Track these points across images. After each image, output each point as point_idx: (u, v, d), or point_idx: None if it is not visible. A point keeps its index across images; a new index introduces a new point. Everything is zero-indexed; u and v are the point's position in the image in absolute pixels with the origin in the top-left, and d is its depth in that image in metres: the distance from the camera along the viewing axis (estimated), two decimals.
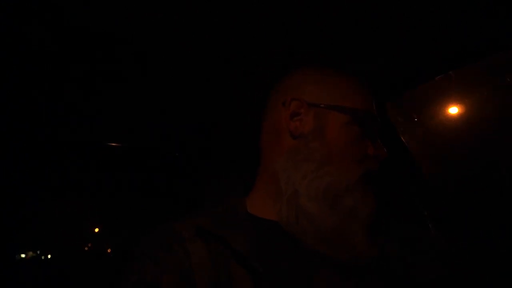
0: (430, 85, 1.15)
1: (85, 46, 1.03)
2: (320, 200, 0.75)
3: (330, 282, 0.73)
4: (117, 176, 2.00)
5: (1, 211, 1.62)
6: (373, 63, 1.15)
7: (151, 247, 0.76)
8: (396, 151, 1.25)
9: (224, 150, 1.69)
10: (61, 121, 1.43)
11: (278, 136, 0.85)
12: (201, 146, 1.73)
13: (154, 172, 1.95)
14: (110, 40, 1.01)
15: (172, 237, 0.76)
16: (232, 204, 0.87)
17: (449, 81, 1.13)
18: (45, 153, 1.64)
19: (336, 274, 0.74)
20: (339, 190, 0.75)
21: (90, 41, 1.01)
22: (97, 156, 1.75)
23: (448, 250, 0.82)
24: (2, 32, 0.95)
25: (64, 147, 1.60)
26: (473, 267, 0.79)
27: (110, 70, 1.15)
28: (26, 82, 1.16)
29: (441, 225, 1.19)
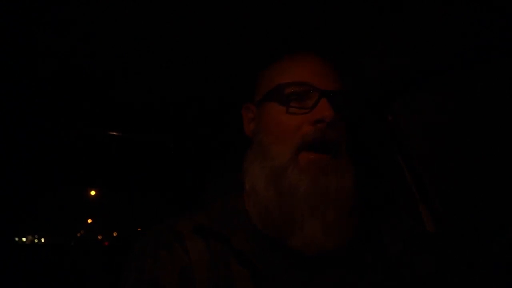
0: (433, 85, 1.16)
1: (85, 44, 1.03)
2: (268, 187, 0.76)
3: (329, 280, 0.74)
4: (113, 168, 2.00)
5: (7, 202, 1.63)
6: (379, 64, 1.16)
7: (151, 245, 0.76)
8: (398, 149, 1.27)
9: (224, 144, 1.70)
10: (61, 116, 1.43)
11: (248, 142, 0.88)
12: (201, 140, 1.73)
13: (153, 165, 1.95)
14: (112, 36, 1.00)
15: (171, 235, 0.76)
16: (231, 200, 0.88)
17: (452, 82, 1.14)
18: (45, 148, 1.64)
19: (336, 273, 0.75)
20: (278, 171, 0.75)
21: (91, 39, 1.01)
22: (94, 149, 1.75)
23: (450, 249, 0.83)
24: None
25: (63, 140, 1.60)
26: (469, 263, 0.80)
27: (110, 63, 1.15)
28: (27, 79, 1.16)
29: (440, 221, 1.21)
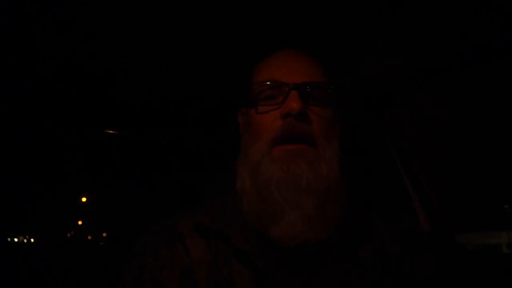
0: (433, 85, 1.16)
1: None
2: (251, 185, 0.76)
3: (329, 280, 0.74)
4: (108, 168, 2.00)
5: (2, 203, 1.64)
6: (378, 64, 1.15)
7: (151, 244, 0.76)
8: (397, 149, 1.27)
9: (223, 143, 1.69)
10: (61, 116, 1.43)
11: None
12: (200, 139, 1.73)
13: (151, 164, 1.95)
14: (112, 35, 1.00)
15: (172, 234, 0.76)
16: (230, 199, 0.88)
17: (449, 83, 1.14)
18: (42, 149, 1.64)
19: (336, 273, 0.75)
20: (255, 169, 0.76)
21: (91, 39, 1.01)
22: (93, 148, 1.75)
23: (448, 249, 0.83)
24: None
25: (63, 140, 1.60)
26: (468, 263, 0.80)
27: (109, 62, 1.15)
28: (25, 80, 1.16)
29: (437, 221, 1.21)
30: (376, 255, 0.80)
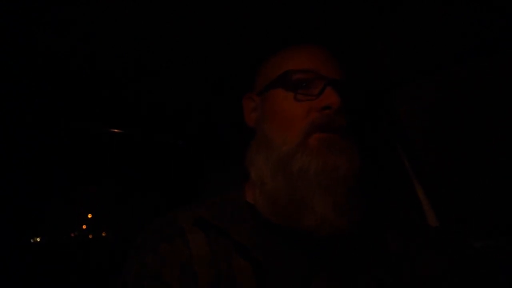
0: (436, 76, 1.16)
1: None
2: (276, 175, 0.76)
3: (330, 274, 0.74)
4: (112, 168, 2.00)
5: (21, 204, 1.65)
6: (378, 64, 1.15)
7: (152, 238, 0.76)
8: (400, 142, 1.27)
9: (223, 139, 1.69)
10: (61, 117, 1.43)
11: (249, 133, 0.89)
12: (200, 135, 1.73)
13: (151, 162, 1.95)
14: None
15: (172, 228, 0.76)
16: (231, 194, 0.88)
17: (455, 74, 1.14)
18: (47, 149, 1.64)
19: (337, 266, 0.75)
20: (286, 158, 0.75)
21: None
22: (92, 148, 1.74)
23: (452, 245, 0.83)
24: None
25: (63, 140, 1.60)
26: (477, 262, 0.80)
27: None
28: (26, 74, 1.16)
29: (444, 218, 1.20)
30: (379, 250, 0.81)
